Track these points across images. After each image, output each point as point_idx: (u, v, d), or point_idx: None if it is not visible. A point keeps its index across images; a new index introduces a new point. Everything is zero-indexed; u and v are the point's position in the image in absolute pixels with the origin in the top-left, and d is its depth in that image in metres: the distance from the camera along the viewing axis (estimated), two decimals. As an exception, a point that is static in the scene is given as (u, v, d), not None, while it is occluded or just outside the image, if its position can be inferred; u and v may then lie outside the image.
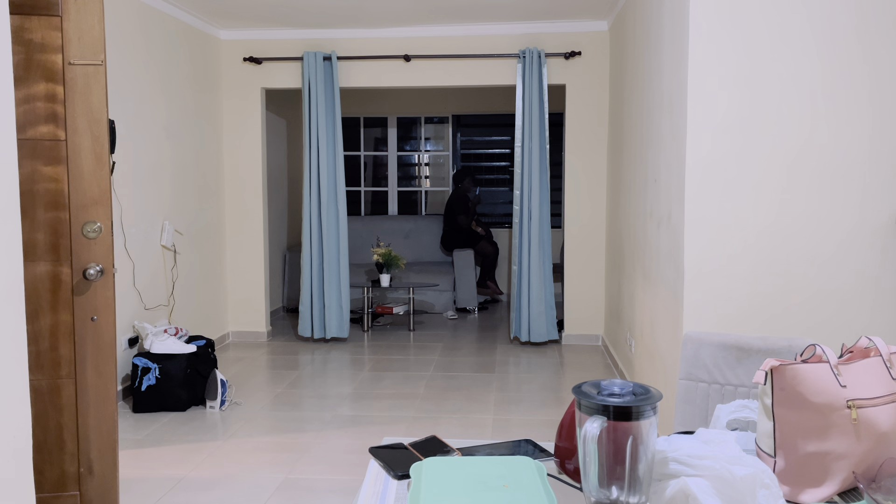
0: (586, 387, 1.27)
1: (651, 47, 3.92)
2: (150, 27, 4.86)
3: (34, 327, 2.46)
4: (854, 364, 1.36)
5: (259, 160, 6.01)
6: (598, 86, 5.74)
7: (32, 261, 2.44)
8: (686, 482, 1.20)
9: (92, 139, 2.46)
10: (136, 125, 4.69)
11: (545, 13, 5.37)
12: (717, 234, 3.08)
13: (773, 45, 2.99)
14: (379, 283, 6.51)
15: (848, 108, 2.97)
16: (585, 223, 5.87)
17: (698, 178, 3.08)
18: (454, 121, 8.45)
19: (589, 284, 5.90)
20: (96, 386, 2.55)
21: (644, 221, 4.08)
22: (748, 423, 1.59)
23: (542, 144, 5.67)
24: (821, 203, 3.02)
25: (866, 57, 2.95)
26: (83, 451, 2.56)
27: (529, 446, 1.61)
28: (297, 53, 5.89)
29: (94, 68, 2.44)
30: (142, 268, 4.76)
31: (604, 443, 1.20)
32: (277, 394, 4.60)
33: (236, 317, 6.17)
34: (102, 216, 2.50)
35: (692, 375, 2.06)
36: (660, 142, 3.64)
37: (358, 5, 5.12)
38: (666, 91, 3.50)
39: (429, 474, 1.30)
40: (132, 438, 3.82)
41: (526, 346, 5.89)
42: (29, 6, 2.36)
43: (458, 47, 5.77)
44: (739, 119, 3.03)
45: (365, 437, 3.81)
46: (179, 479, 3.30)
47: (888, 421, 1.32)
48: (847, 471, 1.32)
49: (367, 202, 8.74)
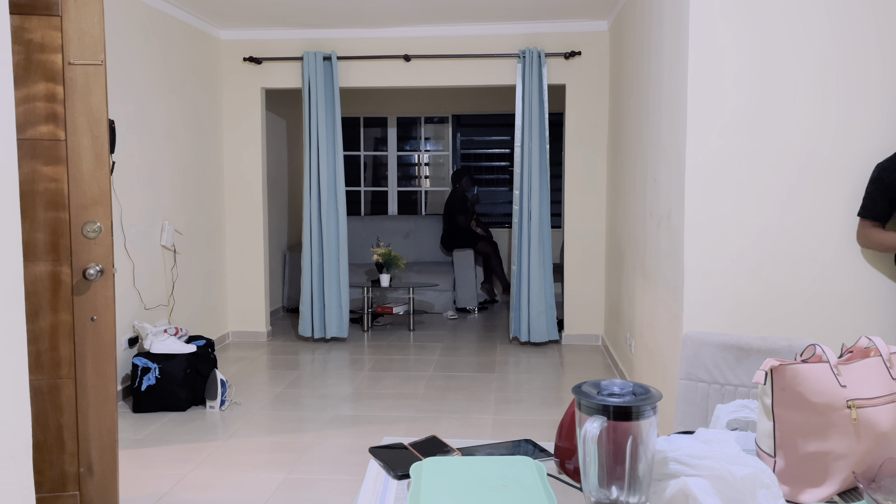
0: (586, 387, 1.27)
1: (651, 47, 3.91)
2: (150, 27, 4.86)
3: (34, 327, 2.46)
4: (854, 364, 1.36)
5: (259, 160, 6.00)
6: (598, 86, 5.74)
7: (32, 261, 2.44)
8: (686, 482, 1.20)
9: (92, 139, 2.46)
10: (136, 125, 4.69)
11: (545, 13, 5.37)
12: (716, 234, 3.08)
13: (773, 46, 2.99)
14: (379, 283, 6.51)
15: (848, 107, 2.97)
16: (585, 223, 5.87)
17: (698, 178, 3.08)
18: (454, 121, 8.45)
19: (589, 284, 5.90)
20: (96, 386, 2.55)
21: (644, 221, 4.08)
22: (748, 423, 1.59)
23: (542, 144, 5.67)
24: (821, 203, 3.02)
25: (866, 57, 2.95)
26: (83, 451, 2.56)
27: (529, 446, 1.61)
28: (296, 53, 5.89)
29: (94, 68, 2.44)
30: (142, 268, 4.76)
31: (604, 443, 1.20)
32: (277, 394, 4.60)
33: (236, 317, 6.17)
34: (102, 216, 2.50)
35: (692, 375, 2.06)
36: (660, 142, 3.64)
37: (358, 5, 5.12)
38: (666, 91, 3.50)
39: (429, 474, 1.30)
40: (132, 438, 3.82)
41: (526, 346, 5.89)
42: (29, 6, 2.36)
43: (458, 47, 5.77)
44: (739, 119, 3.03)
45: (365, 437, 3.81)
46: (179, 479, 3.30)
47: (888, 421, 1.32)
48: (847, 471, 1.32)
49: (367, 202, 8.74)
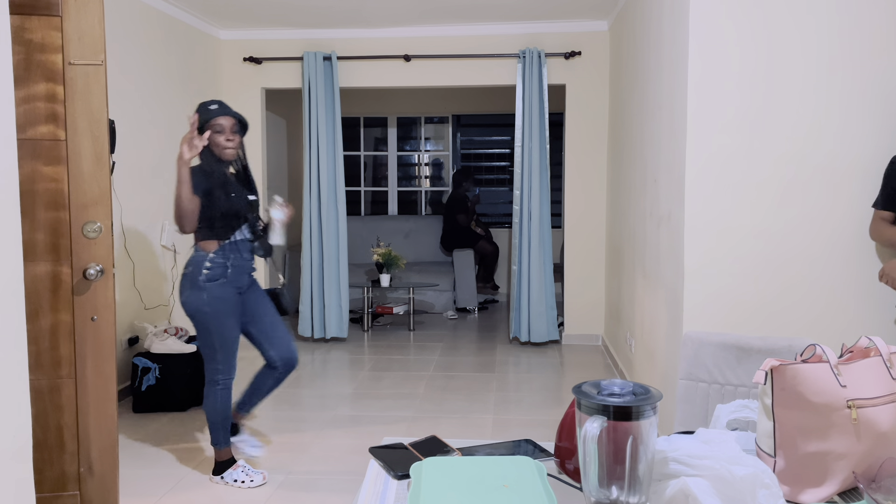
0: (586, 387, 1.27)
1: (651, 47, 3.91)
2: (150, 27, 4.86)
3: (34, 327, 2.46)
4: (854, 364, 1.36)
5: (259, 160, 6.00)
6: (598, 86, 5.74)
7: (32, 261, 2.44)
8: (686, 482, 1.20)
9: (92, 139, 2.46)
10: (136, 125, 4.69)
11: (545, 13, 5.37)
12: (716, 234, 3.08)
13: (774, 46, 2.99)
14: (379, 283, 6.51)
15: (848, 107, 2.97)
16: (585, 223, 5.87)
17: (698, 178, 3.08)
18: (454, 121, 8.45)
19: (589, 284, 5.90)
20: (96, 386, 2.55)
21: (644, 221, 4.08)
22: (748, 423, 1.59)
23: (542, 144, 5.67)
24: (821, 203, 3.02)
25: (865, 58, 2.95)
26: (83, 451, 2.56)
27: (529, 446, 1.61)
28: (297, 53, 5.89)
29: (94, 68, 2.44)
30: (142, 268, 4.76)
31: (604, 443, 1.20)
32: (277, 394, 4.60)
33: (236, 317, 6.16)
34: (102, 216, 2.50)
35: (692, 375, 2.06)
36: (660, 142, 3.64)
37: (358, 5, 5.12)
38: (666, 91, 3.50)
39: (429, 474, 1.30)
40: (132, 438, 3.82)
41: (526, 346, 5.89)
42: (29, 6, 2.36)
43: (458, 47, 5.77)
44: (740, 119, 3.03)
45: (365, 437, 3.81)
46: (179, 479, 3.30)
47: (888, 421, 1.32)
48: (847, 471, 1.32)
49: (367, 202, 8.73)
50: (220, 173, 3.06)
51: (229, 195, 3.05)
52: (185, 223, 2.96)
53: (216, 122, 3.02)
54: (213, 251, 3.06)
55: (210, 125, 3.01)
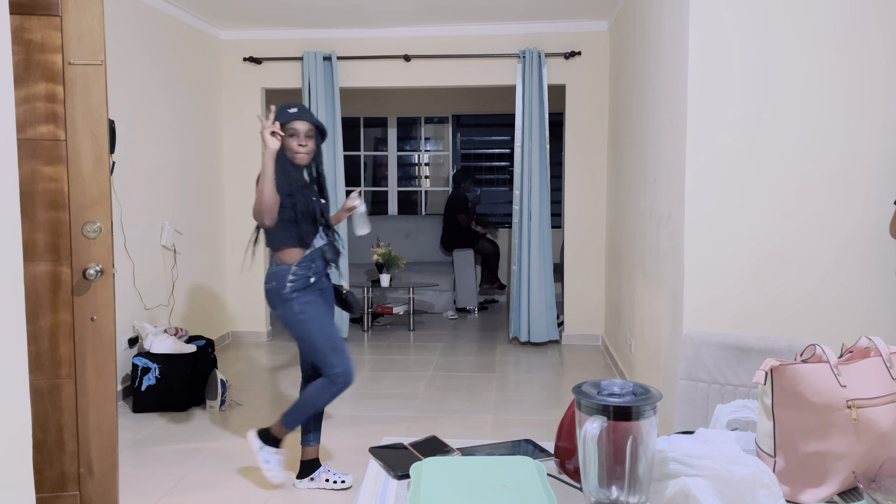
0: (586, 387, 1.27)
1: (651, 47, 3.91)
2: (150, 27, 4.86)
3: (34, 327, 2.46)
4: (854, 364, 1.36)
5: (259, 160, 6.00)
6: (598, 86, 5.74)
7: (32, 261, 2.44)
8: (686, 482, 1.20)
9: (92, 139, 2.46)
10: (136, 125, 4.69)
11: (545, 13, 5.37)
12: (716, 234, 3.08)
13: (774, 46, 2.99)
14: (379, 283, 6.51)
15: (848, 108, 2.97)
16: (585, 223, 5.87)
17: (698, 178, 3.08)
18: (454, 121, 8.45)
19: (589, 284, 5.90)
20: (96, 386, 2.55)
21: (644, 221, 4.08)
22: (748, 423, 1.59)
23: (542, 144, 5.67)
24: (821, 203, 3.02)
25: (865, 59, 2.95)
26: (83, 451, 2.56)
27: (529, 446, 1.61)
28: (297, 53, 5.89)
29: (94, 68, 2.43)
30: (142, 268, 4.76)
31: (604, 443, 1.20)
32: (277, 394, 4.60)
33: (236, 317, 6.17)
34: (102, 216, 2.50)
35: (692, 375, 2.06)
36: (660, 142, 3.64)
37: (358, 5, 5.12)
38: (666, 91, 3.50)
39: (429, 474, 1.30)
40: (132, 438, 3.82)
41: (526, 346, 5.89)
42: (29, 6, 2.36)
43: (458, 47, 5.77)
44: (740, 119, 3.03)
45: (365, 437, 3.81)
46: (179, 479, 3.30)
47: (888, 421, 1.32)
48: (847, 471, 1.32)
49: (368, 202, 8.73)
50: (296, 177, 3.01)
51: (307, 199, 3.01)
52: (266, 217, 2.89)
53: (291, 126, 2.98)
54: (296, 263, 3.00)
55: (285, 128, 2.97)
